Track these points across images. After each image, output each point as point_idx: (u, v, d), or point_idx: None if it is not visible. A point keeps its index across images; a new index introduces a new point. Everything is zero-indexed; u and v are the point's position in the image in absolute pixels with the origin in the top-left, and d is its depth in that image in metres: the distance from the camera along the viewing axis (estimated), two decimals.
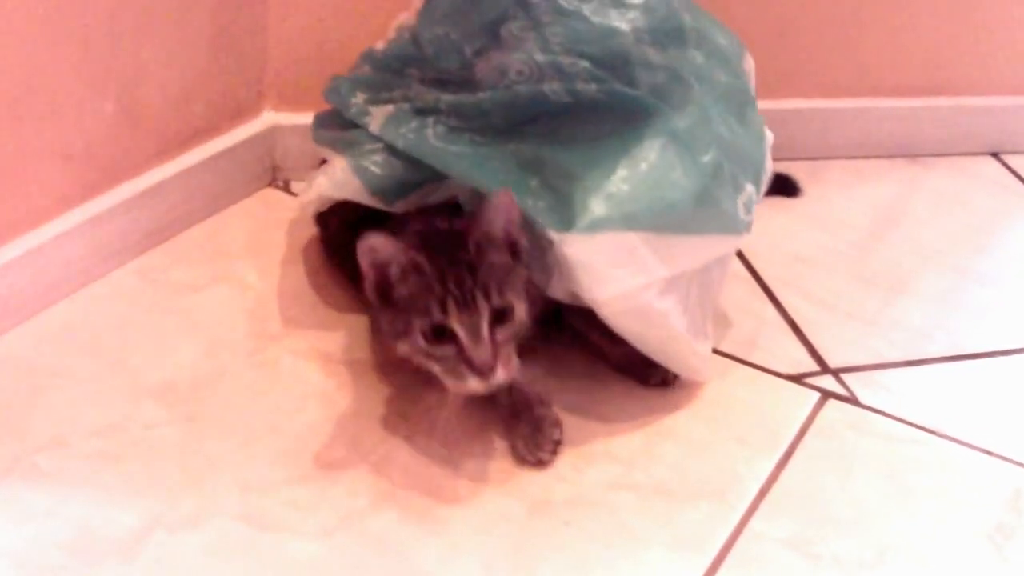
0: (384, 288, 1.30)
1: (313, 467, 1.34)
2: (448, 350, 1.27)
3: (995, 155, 2.22)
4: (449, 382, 1.28)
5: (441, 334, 1.26)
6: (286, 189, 1.87)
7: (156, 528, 1.25)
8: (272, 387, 1.46)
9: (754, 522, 1.33)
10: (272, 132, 1.85)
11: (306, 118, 1.66)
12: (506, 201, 1.28)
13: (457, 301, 1.25)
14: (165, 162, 1.70)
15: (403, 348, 1.30)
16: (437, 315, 1.25)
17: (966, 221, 2.01)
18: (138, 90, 1.62)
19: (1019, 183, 2.15)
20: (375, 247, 1.28)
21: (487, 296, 1.26)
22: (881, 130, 2.15)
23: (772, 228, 1.84)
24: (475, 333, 1.25)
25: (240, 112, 1.81)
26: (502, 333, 1.27)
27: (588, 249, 1.31)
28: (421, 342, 1.27)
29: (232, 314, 1.57)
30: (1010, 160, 2.21)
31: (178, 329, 1.54)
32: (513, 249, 1.32)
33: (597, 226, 1.31)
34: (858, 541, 1.33)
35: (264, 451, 1.36)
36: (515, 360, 1.29)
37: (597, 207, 1.31)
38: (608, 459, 1.38)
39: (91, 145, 1.58)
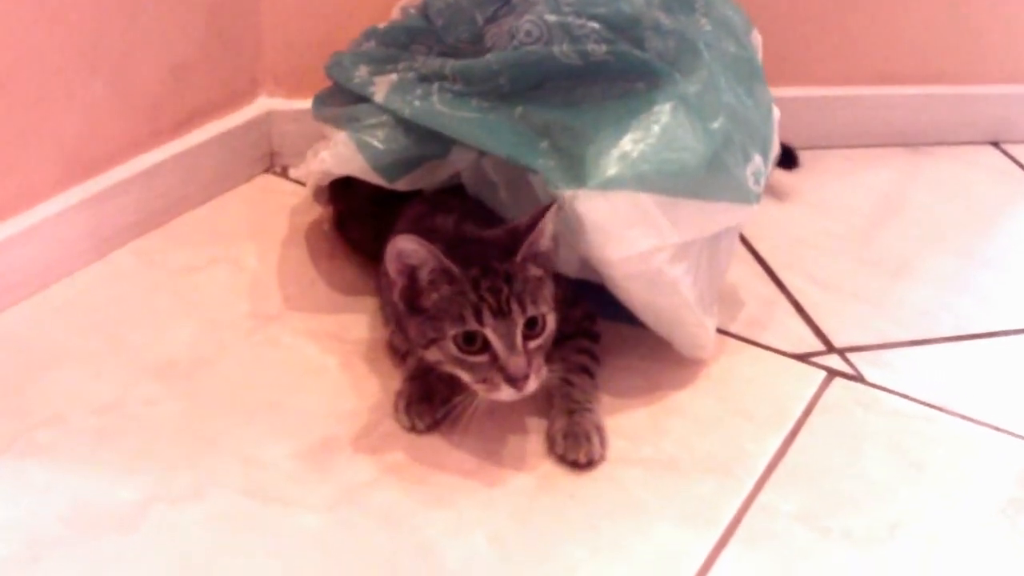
0: (412, 293, 1.28)
1: (315, 442, 1.32)
2: (481, 358, 1.25)
3: (995, 144, 2.21)
4: (480, 389, 1.26)
5: (473, 342, 1.25)
6: (284, 175, 1.85)
7: (155, 501, 1.23)
8: (272, 365, 1.44)
9: (763, 496, 1.32)
10: (269, 117, 1.84)
11: (303, 104, 1.65)
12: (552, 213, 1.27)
13: (492, 309, 1.23)
14: (159, 145, 1.69)
15: (433, 355, 1.28)
16: (472, 323, 1.23)
17: (968, 207, 2.00)
18: (129, 70, 1.60)
19: (1020, 171, 2.14)
20: (404, 251, 1.25)
21: (522, 306, 1.25)
22: (880, 118, 2.14)
23: (773, 213, 1.84)
24: (510, 342, 1.24)
25: (235, 96, 1.80)
26: (534, 343, 1.26)
27: (601, 207, 1.29)
28: (453, 350, 1.25)
29: (231, 295, 1.56)
30: (1011, 149, 2.20)
31: (177, 309, 1.52)
32: (544, 261, 1.30)
33: (610, 185, 1.29)
34: (868, 515, 1.31)
35: (265, 427, 1.34)
36: (544, 369, 1.28)
37: (610, 166, 1.30)
38: (615, 434, 1.36)
39: (84, 125, 1.56)
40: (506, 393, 1.25)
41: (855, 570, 1.25)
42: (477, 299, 1.24)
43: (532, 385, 1.25)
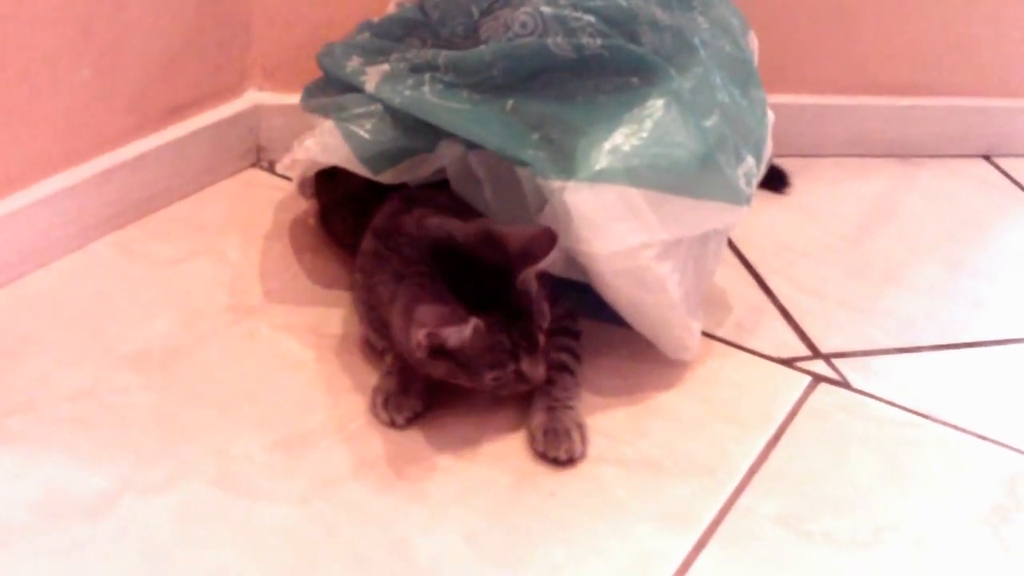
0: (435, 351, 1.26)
1: (290, 435, 1.30)
2: (507, 374, 1.27)
3: (987, 157, 2.20)
4: (500, 392, 1.30)
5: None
6: (270, 170, 1.83)
7: (126, 491, 1.21)
8: (250, 357, 1.42)
9: (744, 499, 1.30)
10: (256, 111, 1.82)
11: (292, 98, 1.63)
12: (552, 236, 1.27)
13: (525, 349, 1.26)
14: (145, 135, 1.66)
15: (457, 380, 1.28)
16: (511, 366, 1.26)
17: (958, 218, 1.99)
18: (117, 59, 1.58)
19: (1012, 185, 2.13)
20: (440, 335, 1.22)
21: (543, 330, 1.27)
22: (872, 128, 2.13)
23: (762, 219, 1.82)
24: (536, 361, 1.27)
25: (223, 89, 1.78)
26: (544, 342, 1.29)
27: (590, 199, 1.28)
28: (490, 383, 1.27)
29: (211, 287, 1.54)
30: (1003, 163, 2.19)
31: (155, 300, 1.50)
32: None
33: (599, 178, 1.28)
34: (851, 520, 1.29)
35: (240, 419, 1.32)
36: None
37: (600, 159, 1.29)
38: (596, 433, 1.34)
39: (68, 112, 1.54)
40: (521, 389, 1.29)
41: (835, 574, 1.23)
42: (512, 344, 1.25)
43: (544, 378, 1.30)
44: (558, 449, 1.30)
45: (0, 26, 1.42)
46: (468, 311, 1.23)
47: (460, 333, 1.23)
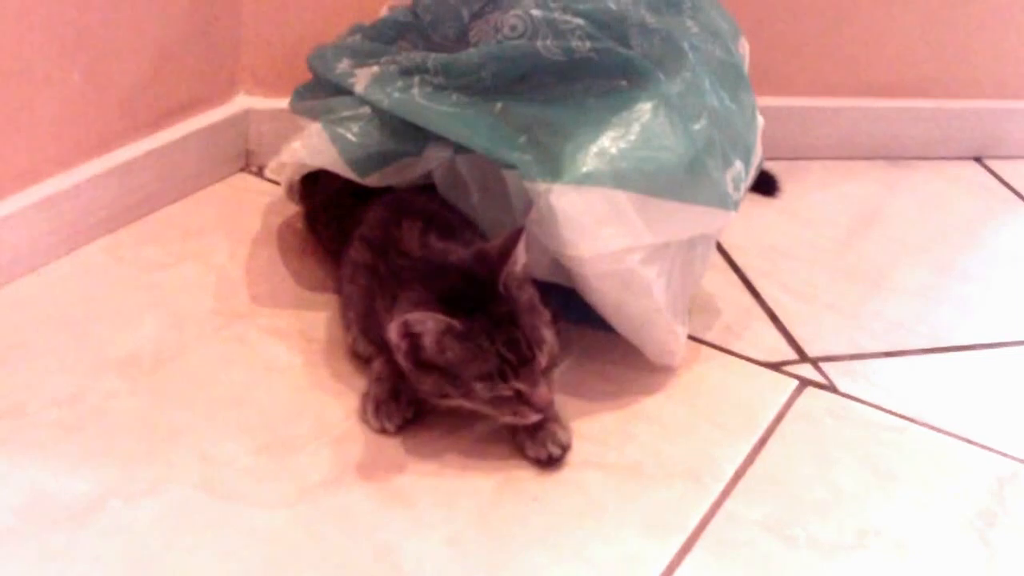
0: (417, 354, 1.26)
1: (276, 440, 1.31)
2: (506, 397, 1.25)
3: (978, 159, 2.21)
4: (503, 417, 1.28)
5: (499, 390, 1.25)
6: (259, 175, 1.83)
7: (111, 495, 1.21)
8: (237, 362, 1.42)
9: (729, 504, 1.30)
10: (246, 116, 1.82)
11: (282, 103, 1.64)
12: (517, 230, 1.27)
13: (514, 364, 1.23)
14: (135, 140, 1.67)
15: (451, 403, 1.28)
16: (499, 383, 1.23)
17: (948, 221, 1.99)
18: (108, 62, 1.59)
19: (1003, 187, 2.13)
20: (412, 323, 1.22)
21: (539, 345, 1.25)
22: (862, 131, 2.13)
23: (751, 222, 1.83)
24: (533, 380, 1.24)
25: (213, 94, 1.78)
26: (545, 362, 1.26)
27: (575, 202, 1.28)
28: (480, 399, 1.25)
29: (199, 291, 1.54)
30: (994, 165, 2.19)
31: (144, 304, 1.51)
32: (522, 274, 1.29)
33: (586, 180, 1.29)
34: (836, 524, 1.29)
35: (226, 423, 1.32)
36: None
37: (587, 162, 1.30)
38: (579, 438, 1.34)
39: (60, 116, 1.55)
40: (532, 418, 1.27)
41: None
42: (498, 357, 1.23)
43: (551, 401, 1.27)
44: (540, 450, 1.30)
45: None
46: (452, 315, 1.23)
47: (429, 322, 1.22)
